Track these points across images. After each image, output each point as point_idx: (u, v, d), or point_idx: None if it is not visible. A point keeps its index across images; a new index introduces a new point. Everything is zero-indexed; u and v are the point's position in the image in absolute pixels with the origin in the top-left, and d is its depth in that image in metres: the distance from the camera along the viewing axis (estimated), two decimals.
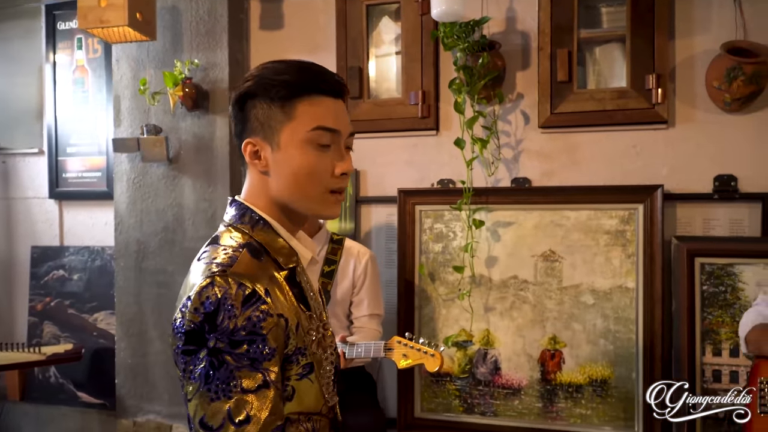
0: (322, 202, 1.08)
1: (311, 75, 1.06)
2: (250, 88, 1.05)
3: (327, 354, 1.09)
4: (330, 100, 1.06)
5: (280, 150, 1.05)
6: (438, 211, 2.54)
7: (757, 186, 2.25)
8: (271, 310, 0.96)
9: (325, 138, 1.05)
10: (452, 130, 2.52)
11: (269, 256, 1.04)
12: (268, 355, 0.95)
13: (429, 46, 2.52)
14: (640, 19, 2.29)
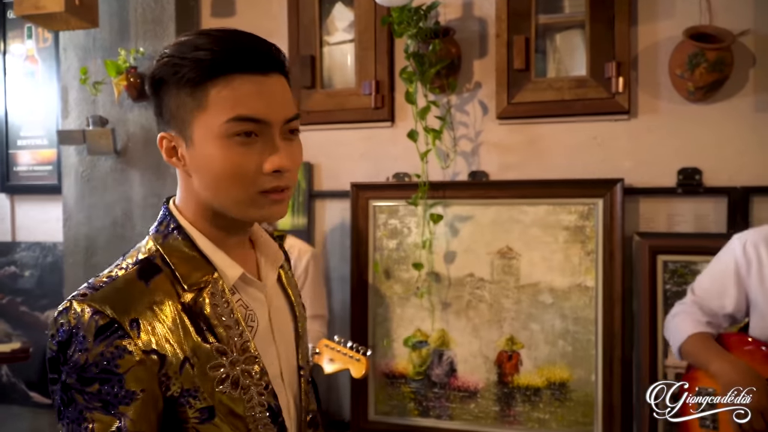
0: (254, 205, 0.87)
1: (225, 49, 0.83)
2: (157, 70, 0.86)
3: (252, 394, 0.89)
4: (252, 79, 0.84)
5: (195, 146, 0.86)
6: (393, 206, 2.43)
7: (722, 179, 2.14)
8: (131, 347, 0.80)
9: (246, 128, 0.83)
10: (408, 121, 2.40)
11: (172, 275, 0.87)
12: (124, 398, 0.80)
13: (383, 34, 2.40)
14: (601, 4, 2.18)
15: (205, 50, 0.82)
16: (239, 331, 0.89)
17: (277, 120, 0.85)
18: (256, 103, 0.83)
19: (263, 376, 0.91)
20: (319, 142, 2.54)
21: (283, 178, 0.86)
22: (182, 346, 0.84)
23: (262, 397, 0.91)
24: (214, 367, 0.86)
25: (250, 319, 0.93)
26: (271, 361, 0.95)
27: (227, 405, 0.87)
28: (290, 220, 2.57)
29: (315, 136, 2.55)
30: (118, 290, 0.84)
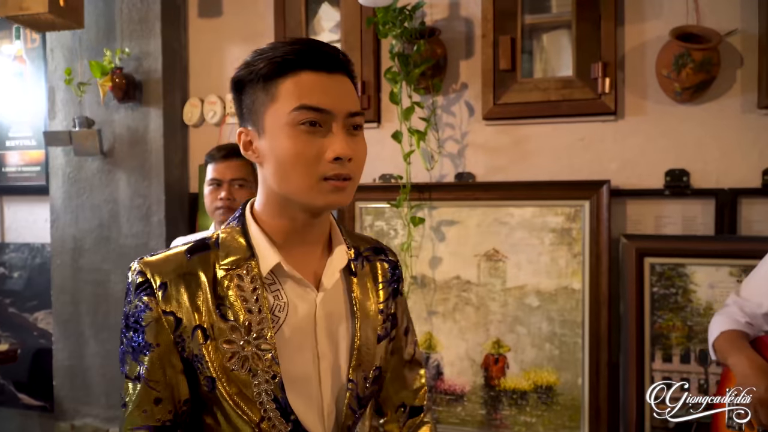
0: (316, 191, 0.93)
1: (295, 49, 0.93)
2: (238, 72, 0.97)
3: (260, 380, 0.94)
4: (319, 76, 0.93)
5: (266, 136, 0.95)
6: (379, 208, 2.42)
7: (710, 181, 2.11)
8: (152, 304, 0.93)
9: (310, 118, 0.91)
10: (394, 122, 2.38)
11: (216, 255, 0.97)
12: (143, 348, 0.94)
13: (369, 34, 2.38)
14: (587, 4, 2.15)
15: (276, 50, 0.93)
16: (260, 317, 0.95)
17: (339, 111, 0.92)
18: (320, 95, 0.92)
19: (273, 365, 0.94)
20: None
21: (344, 166, 0.92)
22: (199, 316, 0.94)
23: (269, 386, 0.95)
24: (227, 341, 0.93)
25: (278, 309, 0.97)
26: (303, 360, 0.99)
27: (237, 382, 0.93)
28: None
29: None
30: (163, 258, 0.97)
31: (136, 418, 0.94)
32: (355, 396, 1.03)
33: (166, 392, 0.95)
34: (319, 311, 1.01)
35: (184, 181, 2.68)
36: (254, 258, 0.97)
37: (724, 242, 2.09)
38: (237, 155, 2.00)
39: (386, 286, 1.12)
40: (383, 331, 1.09)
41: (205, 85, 2.67)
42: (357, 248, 1.11)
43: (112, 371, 2.69)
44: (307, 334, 0.99)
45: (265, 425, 0.95)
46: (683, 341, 2.11)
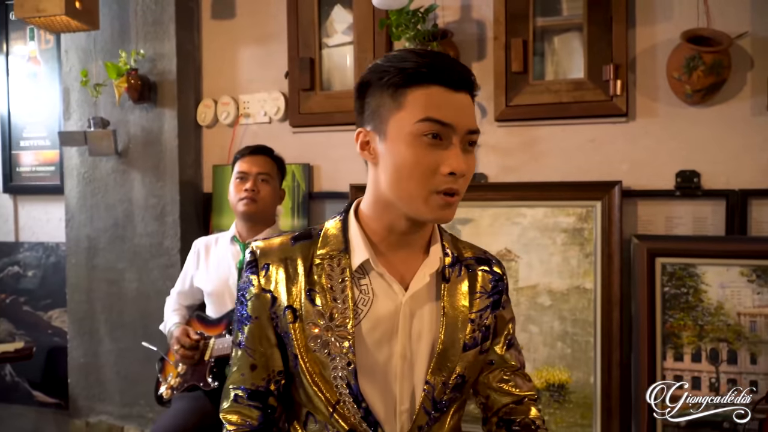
0: (426, 203, 0.97)
1: (428, 63, 0.97)
2: (366, 75, 1.02)
3: (336, 364, 1.01)
4: (447, 92, 0.96)
5: (387, 141, 0.99)
6: None
7: (720, 182, 2.13)
8: (254, 281, 1.06)
9: (433, 130, 0.95)
10: None
11: (316, 244, 1.06)
12: (245, 318, 1.08)
13: (381, 36, 2.41)
14: (598, 6, 2.17)
15: (410, 61, 0.97)
16: (344, 306, 1.02)
17: (461, 127, 0.96)
18: (446, 110, 0.95)
19: (349, 353, 1.01)
20: (317, 143, 2.56)
21: (456, 181, 0.96)
22: (291, 297, 1.04)
23: (344, 372, 1.01)
24: (311, 324, 1.02)
25: (362, 302, 1.04)
26: (381, 354, 1.04)
27: (317, 363, 1.02)
28: (290, 220, 2.59)
29: (314, 138, 2.56)
30: (272, 242, 1.09)
31: (237, 378, 1.09)
32: (431, 398, 1.05)
33: (261, 361, 1.07)
34: (404, 310, 1.04)
35: (198, 182, 2.71)
36: (348, 252, 1.04)
37: (735, 243, 2.11)
38: (264, 152, 2.16)
39: (484, 297, 1.13)
40: (471, 340, 1.10)
41: (218, 86, 2.70)
42: (458, 255, 1.13)
43: (126, 369, 2.73)
44: (389, 330, 1.04)
45: (340, 407, 1.02)
46: (694, 340, 2.14)
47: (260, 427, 1.08)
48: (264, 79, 2.62)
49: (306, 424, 1.08)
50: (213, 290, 2.14)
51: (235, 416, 1.08)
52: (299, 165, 2.57)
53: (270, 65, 2.61)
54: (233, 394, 1.09)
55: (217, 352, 2.04)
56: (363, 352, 1.02)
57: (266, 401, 1.09)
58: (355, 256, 1.04)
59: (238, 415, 1.08)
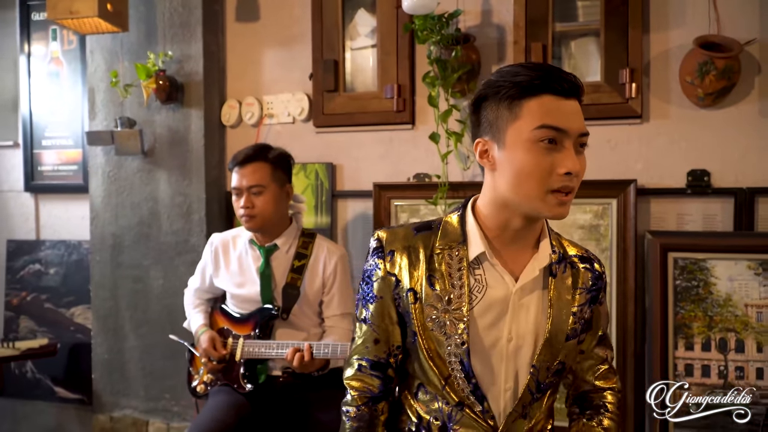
0: (543, 201, 1.07)
1: (539, 75, 1.07)
2: (482, 91, 1.13)
3: (452, 343, 1.13)
4: (558, 100, 1.07)
5: (506, 148, 1.09)
6: (414, 206, 2.53)
7: (729, 181, 2.25)
8: (381, 265, 1.20)
9: (550, 136, 1.05)
10: (428, 124, 2.50)
11: (436, 235, 1.19)
12: (370, 298, 1.22)
13: (404, 39, 2.50)
14: (615, 12, 2.28)
15: (523, 75, 1.08)
16: (461, 292, 1.15)
17: (574, 131, 1.07)
18: (560, 116, 1.06)
19: (463, 334, 1.13)
20: (341, 143, 2.64)
21: (572, 180, 1.07)
22: (413, 281, 1.17)
23: (458, 350, 1.14)
24: (430, 306, 1.16)
25: (477, 289, 1.16)
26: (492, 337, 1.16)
27: (434, 343, 1.15)
28: (314, 218, 2.67)
29: (337, 138, 2.64)
30: (396, 231, 1.23)
31: (361, 351, 1.24)
32: (535, 380, 1.17)
33: (383, 336, 1.22)
34: (514, 299, 1.16)
35: (222, 180, 2.78)
36: (465, 244, 1.17)
37: (743, 238, 2.23)
38: (252, 159, 2.07)
39: (584, 292, 1.23)
40: (572, 331, 1.20)
41: (242, 87, 2.77)
42: (563, 253, 1.23)
43: (151, 364, 2.79)
44: (499, 316, 1.15)
45: (452, 381, 1.15)
46: (704, 330, 2.25)
47: (380, 394, 1.23)
48: (288, 80, 2.70)
49: (417, 395, 1.23)
50: (237, 294, 2.16)
51: (358, 383, 1.23)
52: (323, 164, 2.65)
53: (294, 67, 2.68)
54: (357, 364, 1.24)
55: (247, 354, 2.07)
56: (474, 334, 1.14)
57: (386, 372, 1.23)
58: (472, 247, 1.16)
59: (361, 383, 1.23)
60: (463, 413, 1.17)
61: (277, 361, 2.09)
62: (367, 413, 1.23)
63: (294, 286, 2.10)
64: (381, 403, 1.25)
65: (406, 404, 1.26)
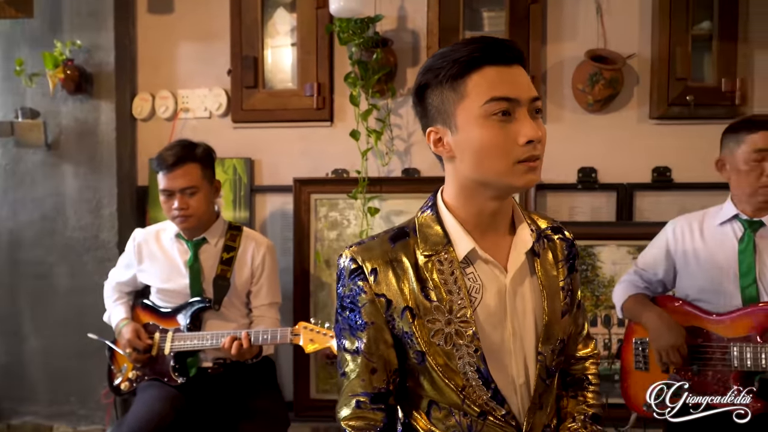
0: (512, 173, 1.01)
1: (477, 47, 1.00)
2: (421, 78, 1.06)
3: (463, 353, 1.05)
4: (500, 69, 1.00)
5: (459, 131, 1.02)
6: (333, 200, 2.63)
7: (613, 177, 2.57)
8: (366, 288, 1.08)
9: (502, 108, 0.99)
10: (346, 121, 2.61)
11: (416, 242, 1.08)
12: (360, 326, 1.09)
13: (324, 40, 2.58)
14: (518, 24, 2.52)
15: (460, 52, 1.00)
16: (460, 297, 1.06)
17: (525, 98, 1.00)
18: (507, 86, 0.99)
19: (474, 340, 1.05)
20: (260, 139, 2.68)
21: (536, 148, 1.01)
22: (406, 297, 1.06)
23: (472, 359, 1.05)
24: (431, 320, 1.06)
25: (475, 290, 1.07)
26: (498, 335, 1.08)
27: (442, 357, 1.06)
28: (232, 213, 2.68)
29: (256, 133, 2.68)
30: (371, 245, 1.10)
31: (356, 386, 1.10)
32: (545, 367, 1.11)
33: (380, 363, 1.10)
34: (509, 290, 1.08)
35: (134, 175, 2.71)
36: (450, 244, 1.07)
37: (624, 227, 2.56)
38: (183, 161, 2.04)
39: (564, 263, 1.17)
40: (565, 306, 1.15)
41: (156, 80, 2.72)
42: (539, 229, 1.16)
43: (55, 367, 2.66)
44: (500, 312, 1.08)
45: (468, 391, 1.07)
46: (592, 308, 2.56)
47: (385, 428, 1.12)
48: (205, 75, 2.69)
49: (429, 413, 1.12)
50: (164, 288, 2.15)
51: (360, 422, 1.10)
52: (241, 159, 2.68)
53: (211, 62, 2.68)
54: (354, 401, 1.10)
55: (177, 347, 2.07)
56: (484, 337, 1.06)
57: (388, 401, 1.12)
58: (459, 247, 1.07)
59: (363, 421, 1.10)
60: (485, 422, 1.09)
61: (208, 352, 2.11)
62: None
63: (224, 278, 2.13)
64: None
65: (419, 425, 1.15)
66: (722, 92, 2.45)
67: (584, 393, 1.27)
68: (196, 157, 2.08)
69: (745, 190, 1.83)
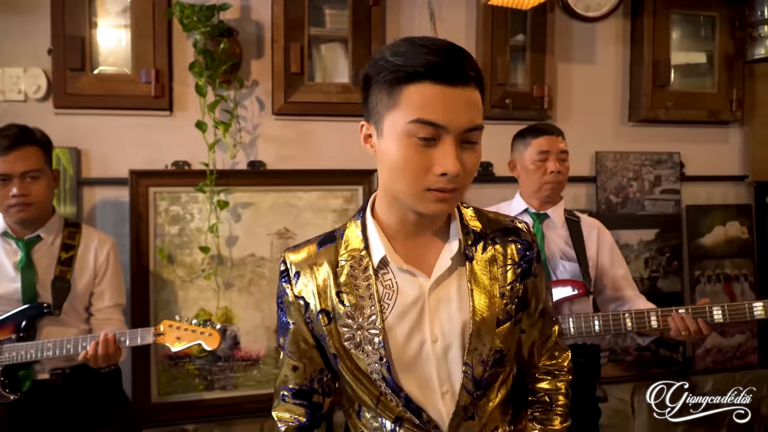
0: (421, 199, 0.96)
1: (423, 58, 0.91)
2: (366, 70, 1.00)
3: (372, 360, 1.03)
4: (442, 88, 0.91)
5: (383, 138, 0.98)
6: (175, 193, 2.52)
7: None
8: (288, 290, 1.11)
9: (426, 132, 0.92)
10: (188, 111, 2.51)
11: (338, 246, 1.09)
12: (284, 324, 1.14)
13: (162, 25, 2.44)
14: (360, 25, 2.62)
15: (404, 57, 0.93)
16: (371, 303, 1.04)
17: (455, 128, 0.93)
18: (439, 110, 0.91)
19: (380, 348, 1.03)
20: (88, 127, 2.46)
21: (451, 180, 0.94)
22: (322, 301, 1.08)
23: (378, 366, 1.04)
24: (344, 325, 1.07)
25: (387, 297, 1.05)
26: (414, 343, 1.05)
27: (354, 361, 1.07)
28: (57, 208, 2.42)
29: (83, 121, 2.45)
30: (302, 249, 1.13)
31: (282, 379, 1.16)
32: (471, 378, 1.05)
33: (302, 362, 1.13)
34: (431, 297, 1.05)
35: None
36: (368, 249, 1.06)
37: None
38: (22, 142, 1.87)
39: (513, 267, 1.10)
40: (505, 314, 1.07)
41: None
42: (481, 232, 1.09)
43: None
44: (418, 319, 1.04)
45: (384, 399, 1.07)
46: None
47: (308, 423, 1.13)
48: (18, 53, 2.38)
49: (360, 414, 1.13)
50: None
51: (285, 414, 1.15)
52: (65, 149, 2.43)
53: (26, 39, 2.38)
54: (281, 393, 1.16)
55: (8, 360, 1.85)
56: (396, 344, 1.04)
57: (311, 399, 1.14)
58: (374, 253, 1.05)
59: (288, 413, 1.14)
60: (405, 428, 1.07)
61: (45, 362, 1.91)
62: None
63: (64, 279, 1.94)
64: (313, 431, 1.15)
65: (352, 426, 1.16)
66: (534, 97, 2.81)
67: (548, 416, 1.18)
68: (36, 140, 1.90)
69: (533, 186, 2.13)
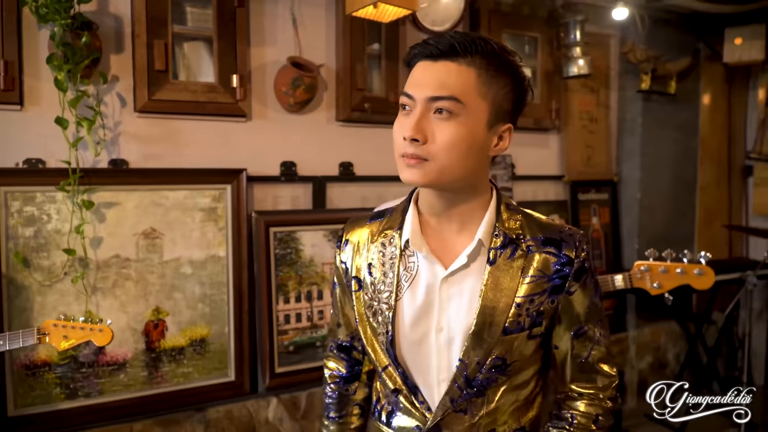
0: (398, 166, 1.07)
1: (421, 43, 1.07)
2: (407, 52, 1.13)
3: (378, 326, 1.15)
4: (425, 63, 1.05)
5: None
6: (29, 192, 2.37)
7: (309, 170, 2.94)
8: (337, 254, 1.26)
9: (403, 102, 1.07)
10: (41, 106, 2.37)
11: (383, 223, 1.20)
12: (333, 284, 1.30)
13: (12, 13, 2.29)
14: (225, 25, 2.67)
15: (417, 47, 1.09)
16: (390, 279, 1.15)
17: (420, 96, 1.03)
18: (414, 82, 1.06)
19: (388, 323, 1.14)
20: None
21: (416, 147, 1.02)
22: (356, 270, 1.21)
23: (384, 338, 1.15)
24: (368, 294, 1.19)
25: (405, 278, 1.14)
26: (420, 326, 1.12)
27: (369, 330, 1.18)
28: None
29: None
30: (356, 220, 1.27)
31: (330, 333, 1.35)
32: (463, 375, 1.09)
33: (344, 320, 1.30)
34: (443, 288, 1.10)
35: None
36: (401, 230, 1.15)
37: (319, 214, 2.97)
38: None
39: (541, 280, 1.08)
40: (515, 324, 1.07)
41: None
42: (516, 236, 1.09)
43: None
44: (429, 305, 1.11)
45: (389, 369, 1.16)
46: (297, 287, 2.90)
47: (348, 375, 1.32)
48: None
49: (380, 378, 1.23)
50: None
51: (331, 363, 1.35)
52: None
53: None
54: (329, 345, 1.35)
55: None
56: (402, 323, 1.12)
57: (350, 354, 1.31)
58: (404, 234, 1.14)
59: (334, 363, 1.35)
60: (401, 402, 1.15)
61: None
62: (337, 392, 1.31)
63: None
64: (353, 383, 1.31)
65: (374, 386, 1.30)
66: (390, 102, 3.05)
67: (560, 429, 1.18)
68: None
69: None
